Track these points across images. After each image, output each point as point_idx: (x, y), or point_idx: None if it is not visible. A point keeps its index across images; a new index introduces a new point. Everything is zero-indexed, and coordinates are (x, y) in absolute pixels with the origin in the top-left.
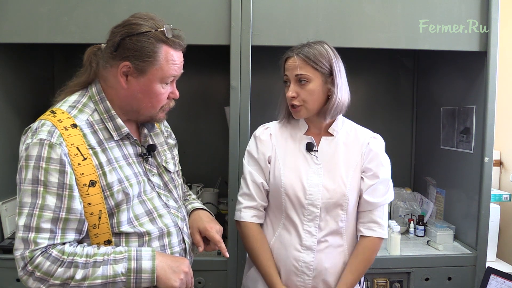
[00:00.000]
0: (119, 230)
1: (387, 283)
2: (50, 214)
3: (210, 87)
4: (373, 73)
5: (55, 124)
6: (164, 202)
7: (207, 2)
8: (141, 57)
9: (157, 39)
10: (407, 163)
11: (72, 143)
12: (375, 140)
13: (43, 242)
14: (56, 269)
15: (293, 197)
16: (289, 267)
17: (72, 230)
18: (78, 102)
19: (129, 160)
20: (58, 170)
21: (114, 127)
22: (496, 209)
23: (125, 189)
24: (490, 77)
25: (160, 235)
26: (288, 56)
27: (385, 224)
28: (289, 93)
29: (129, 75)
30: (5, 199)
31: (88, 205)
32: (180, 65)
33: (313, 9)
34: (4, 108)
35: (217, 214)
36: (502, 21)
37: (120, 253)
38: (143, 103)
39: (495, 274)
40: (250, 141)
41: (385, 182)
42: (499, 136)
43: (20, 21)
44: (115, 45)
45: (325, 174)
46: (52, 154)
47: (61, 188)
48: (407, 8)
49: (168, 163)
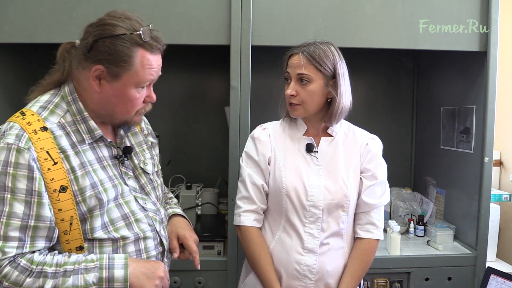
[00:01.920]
0: (92, 236)
1: (387, 283)
2: (18, 222)
3: (210, 87)
4: (373, 73)
5: (24, 127)
6: (141, 205)
7: (207, 2)
8: (115, 62)
9: (132, 43)
10: (407, 163)
11: (41, 147)
12: (374, 141)
13: (11, 251)
14: (24, 279)
15: (294, 199)
16: (291, 271)
17: (42, 238)
18: (49, 102)
19: (103, 163)
20: (27, 176)
21: (87, 130)
22: (496, 209)
23: (98, 194)
24: (490, 77)
25: (135, 240)
26: (293, 53)
27: (381, 226)
28: (288, 91)
29: (102, 78)
30: None
31: (58, 211)
32: (157, 69)
33: (313, 9)
34: (4, 108)
35: (217, 214)
36: (502, 21)
37: (91, 262)
38: (117, 108)
39: (495, 274)
40: (248, 142)
41: (382, 183)
42: (499, 136)
43: (20, 21)
44: (88, 46)
45: (326, 175)
46: (20, 159)
47: (30, 195)
48: (407, 8)
49: (147, 164)
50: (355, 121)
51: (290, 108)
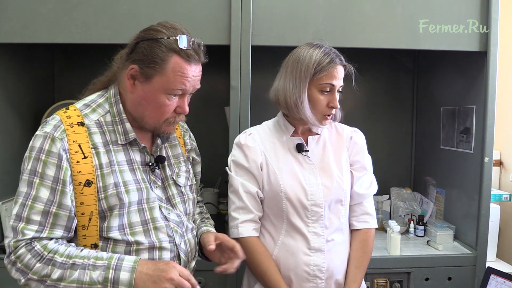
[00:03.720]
0: (107, 235)
1: (387, 283)
2: (41, 206)
3: (210, 87)
4: (373, 73)
5: (62, 120)
6: (164, 215)
7: (207, 2)
8: (148, 63)
9: (168, 48)
10: (407, 163)
11: (74, 140)
12: (357, 134)
13: (29, 234)
14: (35, 264)
15: (295, 201)
16: (301, 274)
17: (60, 227)
18: (93, 101)
19: (133, 165)
20: (56, 164)
21: (123, 131)
22: (496, 209)
23: (120, 194)
24: (490, 77)
25: (150, 248)
26: (338, 64)
27: (375, 214)
28: (336, 103)
29: (136, 79)
30: (5, 199)
31: (80, 204)
32: (192, 79)
33: (313, 9)
34: (4, 108)
35: (217, 214)
36: (502, 21)
37: (101, 259)
38: (147, 111)
39: (495, 274)
40: (234, 150)
41: (370, 173)
42: (499, 136)
43: (20, 21)
44: (130, 48)
45: (321, 173)
46: (52, 147)
47: (55, 183)
48: (407, 8)
49: (180, 176)
50: (354, 121)
51: (327, 118)
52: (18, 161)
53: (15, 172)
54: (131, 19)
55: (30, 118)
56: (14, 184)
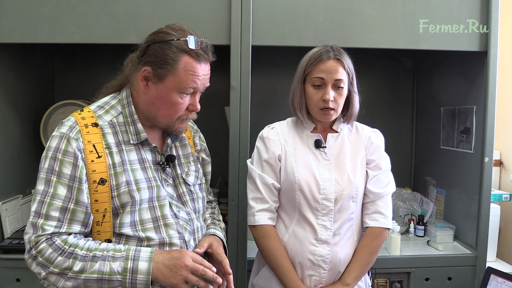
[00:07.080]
0: (119, 231)
1: (387, 283)
2: (59, 203)
3: (210, 87)
4: (373, 73)
5: (78, 121)
6: (174, 212)
7: (207, 2)
8: (161, 64)
9: (179, 49)
10: (407, 163)
11: (89, 140)
12: (376, 134)
13: (49, 229)
14: (56, 257)
15: (307, 193)
16: (305, 261)
17: (78, 222)
18: (107, 103)
19: (145, 164)
20: (72, 163)
21: (135, 131)
22: (496, 209)
23: (131, 192)
24: (490, 77)
25: (160, 244)
26: (327, 58)
27: (389, 215)
28: (328, 96)
29: (149, 80)
30: (5, 199)
31: (95, 201)
32: (202, 78)
33: (313, 9)
34: (4, 108)
35: None
36: (502, 21)
37: (119, 251)
38: (160, 110)
39: (495, 274)
40: (258, 142)
41: (386, 172)
42: (499, 136)
43: (20, 21)
44: (142, 50)
45: (335, 169)
46: (68, 147)
47: (72, 180)
48: (407, 8)
49: (189, 175)
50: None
51: (324, 113)
52: (18, 161)
53: (15, 172)
54: (131, 19)
55: (30, 118)
56: (14, 184)
